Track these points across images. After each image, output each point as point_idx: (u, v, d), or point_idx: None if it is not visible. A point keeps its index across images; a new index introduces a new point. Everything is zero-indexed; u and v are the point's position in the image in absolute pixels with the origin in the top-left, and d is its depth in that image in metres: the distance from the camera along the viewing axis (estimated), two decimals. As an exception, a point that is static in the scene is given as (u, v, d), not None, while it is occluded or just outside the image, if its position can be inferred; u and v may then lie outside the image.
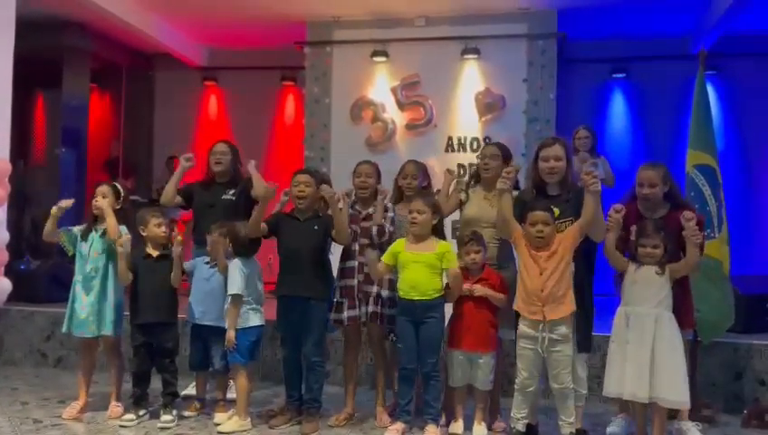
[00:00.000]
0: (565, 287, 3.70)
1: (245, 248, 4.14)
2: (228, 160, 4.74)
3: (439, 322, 3.98)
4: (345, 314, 4.19)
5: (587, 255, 3.89)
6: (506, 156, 4.28)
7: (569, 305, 3.70)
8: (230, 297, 4.06)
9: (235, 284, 4.05)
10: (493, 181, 4.11)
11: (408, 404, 4.04)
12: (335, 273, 4.32)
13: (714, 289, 4.45)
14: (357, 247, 4.23)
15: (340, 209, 4.10)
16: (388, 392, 4.43)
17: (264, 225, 4.12)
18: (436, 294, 3.95)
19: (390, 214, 4.25)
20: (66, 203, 4.35)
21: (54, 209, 4.32)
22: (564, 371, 3.70)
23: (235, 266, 4.08)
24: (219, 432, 4.03)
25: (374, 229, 4.17)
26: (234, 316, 4.06)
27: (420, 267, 3.93)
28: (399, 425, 4.00)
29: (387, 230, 4.17)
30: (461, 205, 4.31)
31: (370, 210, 4.27)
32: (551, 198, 3.88)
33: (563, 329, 3.70)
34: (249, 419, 4.14)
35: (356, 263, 4.21)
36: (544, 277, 3.69)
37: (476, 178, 4.37)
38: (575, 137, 6.16)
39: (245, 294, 4.09)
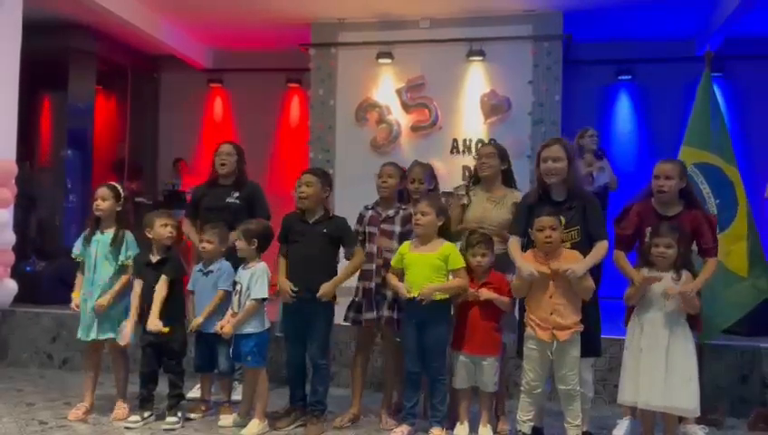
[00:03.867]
0: (574, 310, 3.68)
1: (264, 244, 4.17)
2: (233, 161, 4.77)
3: (444, 325, 3.97)
4: (365, 315, 4.18)
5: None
6: (503, 155, 4.27)
7: (578, 325, 3.68)
8: (254, 301, 4.06)
9: (263, 288, 4.07)
10: (491, 180, 4.18)
11: (413, 407, 4.04)
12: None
13: (705, 288, 4.36)
14: (375, 249, 4.21)
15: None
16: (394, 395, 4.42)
17: (282, 259, 4.17)
18: (441, 296, 3.93)
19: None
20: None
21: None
22: (571, 372, 3.68)
23: (263, 271, 4.11)
24: None
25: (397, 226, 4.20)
26: (250, 316, 4.06)
27: (424, 268, 3.92)
28: (405, 428, 3.99)
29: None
30: (464, 209, 4.28)
31: (390, 212, 4.26)
32: (556, 204, 3.85)
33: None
34: (267, 421, 4.14)
35: (374, 265, 4.19)
36: (553, 300, 3.67)
37: (475, 179, 4.35)
38: (584, 136, 6.17)
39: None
